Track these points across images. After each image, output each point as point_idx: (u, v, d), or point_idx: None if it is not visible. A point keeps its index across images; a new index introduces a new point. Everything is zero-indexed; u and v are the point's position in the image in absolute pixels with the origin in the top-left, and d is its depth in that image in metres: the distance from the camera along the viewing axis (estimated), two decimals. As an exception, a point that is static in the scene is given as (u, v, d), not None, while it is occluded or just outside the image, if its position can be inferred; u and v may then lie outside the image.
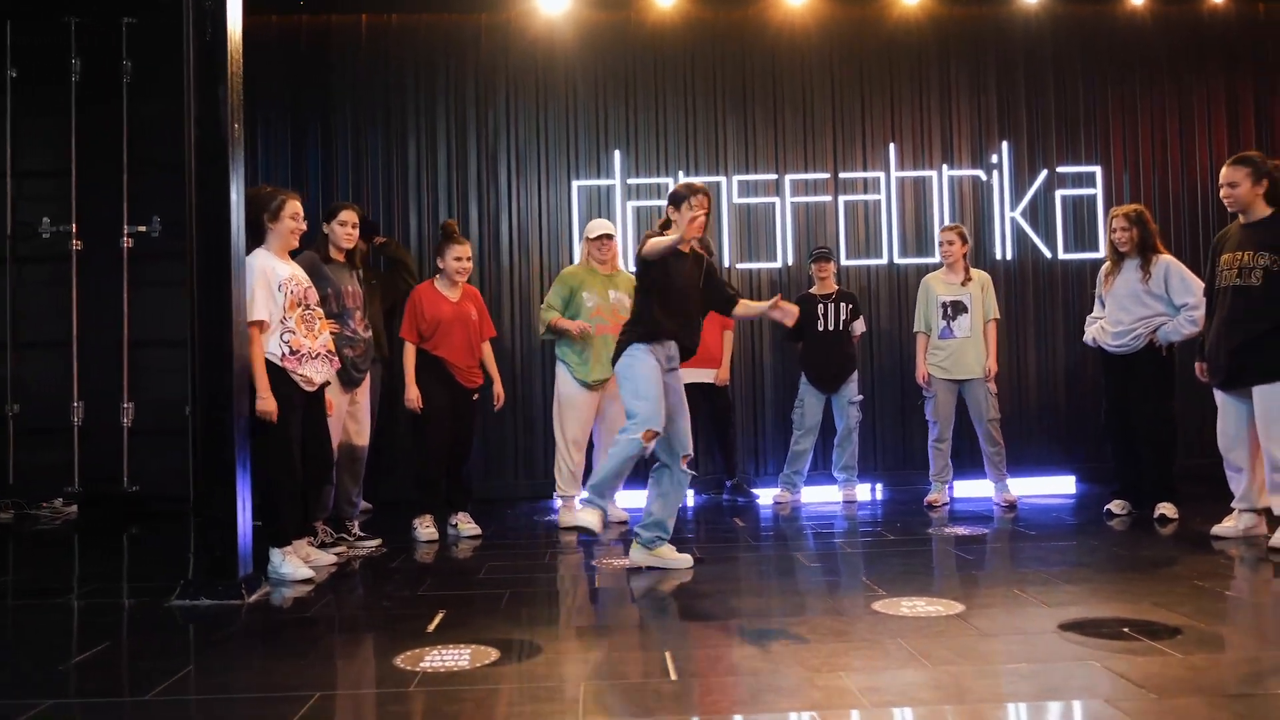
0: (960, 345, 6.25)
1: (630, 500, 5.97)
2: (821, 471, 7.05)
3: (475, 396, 5.57)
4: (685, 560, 4.52)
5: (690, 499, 7.02)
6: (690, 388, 6.46)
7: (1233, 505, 4.78)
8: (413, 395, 5.38)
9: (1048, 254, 7.37)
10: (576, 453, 5.74)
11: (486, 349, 5.67)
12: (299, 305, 4.42)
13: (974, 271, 6.41)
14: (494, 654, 3.16)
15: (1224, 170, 4.63)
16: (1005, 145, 7.37)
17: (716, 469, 7.05)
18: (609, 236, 5.81)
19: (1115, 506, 5.59)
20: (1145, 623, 3.33)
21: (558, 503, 5.98)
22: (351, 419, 5.14)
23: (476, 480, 6.30)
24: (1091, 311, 5.72)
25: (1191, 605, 3.53)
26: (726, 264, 7.25)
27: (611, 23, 7.26)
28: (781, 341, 7.10)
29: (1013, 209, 7.36)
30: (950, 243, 6.29)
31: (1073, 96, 7.41)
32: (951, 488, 6.52)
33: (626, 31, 7.26)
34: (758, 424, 7.27)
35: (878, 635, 3.28)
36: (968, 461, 6.76)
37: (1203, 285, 5.24)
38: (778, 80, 7.32)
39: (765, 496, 6.79)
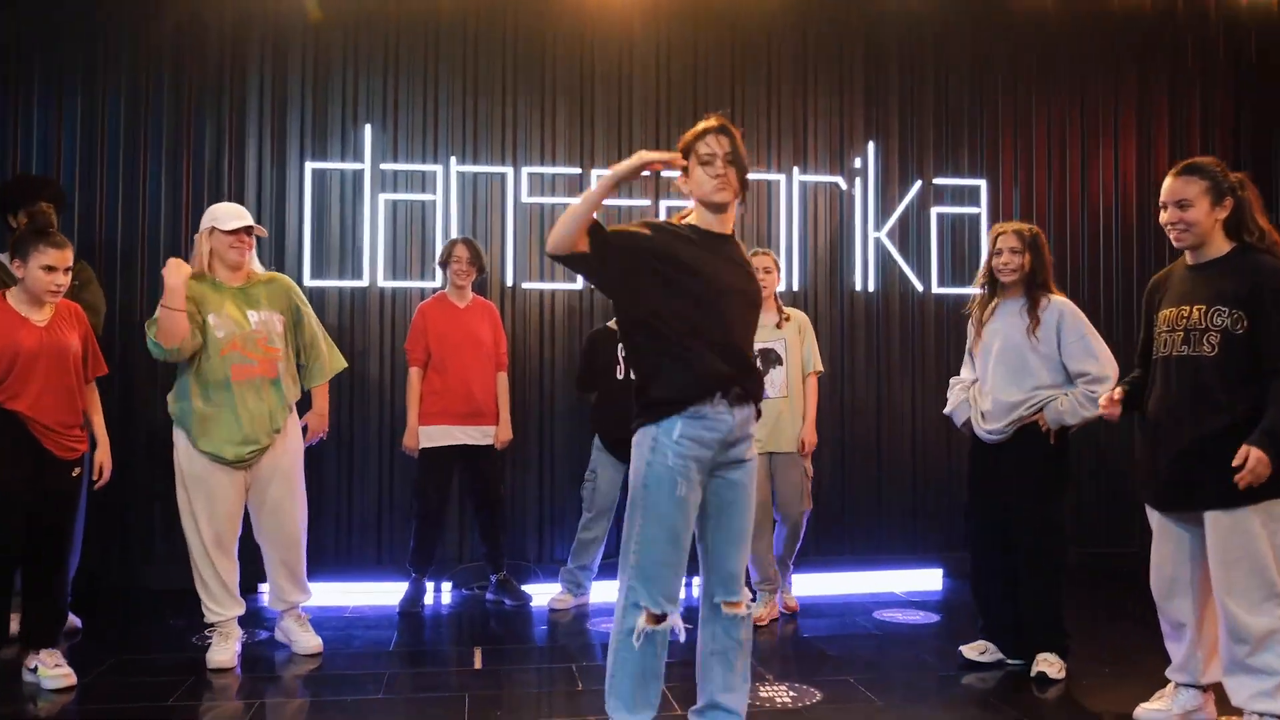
0: (774, 408, 4.64)
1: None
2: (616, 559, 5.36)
3: (77, 471, 3.69)
4: None
5: (446, 596, 5.24)
6: (451, 452, 4.77)
7: (1168, 675, 3.26)
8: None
9: (919, 286, 5.86)
10: (223, 558, 3.88)
11: (91, 396, 3.81)
12: None
13: (790, 310, 4.84)
14: None
15: (1169, 184, 3.07)
16: (871, 148, 5.83)
17: (478, 556, 5.29)
18: (250, 230, 3.93)
19: (972, 651, 3.99)
20: None
21: (209, 635, 4.03)
22: None
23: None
24: (959, 373, 4.17)
25: None
26: (509, 282, 5.50)
27: (369, -42, 5.45)
28: (572, 390, 5.40)
29: (878, 228, 5.82)
30: (766, 271, 4.62)
31: (956, 95, 5.93)
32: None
33: (391, -26, 5.47)
34: (539, 495, 5.53)
35: None
36: (828, 549, 5.18)
37: (1106, 348, 3.76)
38: (587, 55, 5.61)
39: (543, 596, 5.07)
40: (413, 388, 4.82)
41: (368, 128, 5.39)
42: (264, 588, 4.72)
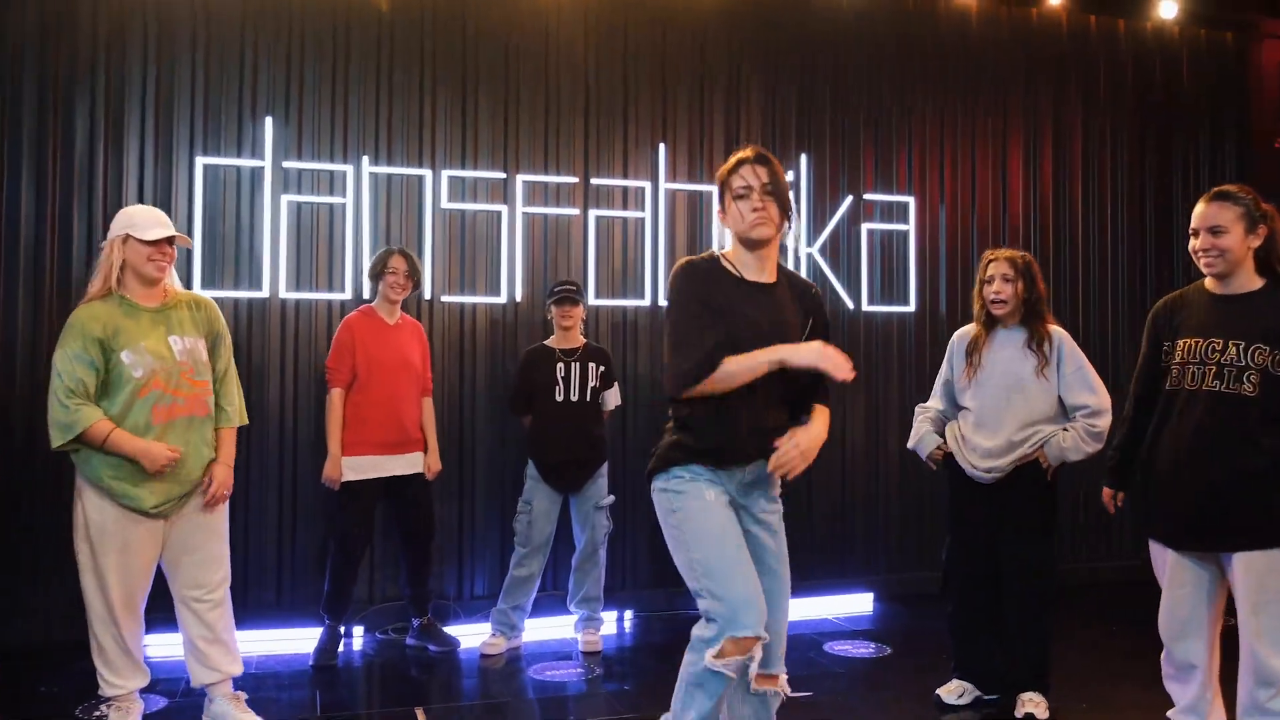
0: None
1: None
2: (552, 593, 5.00)
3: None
4: None
5: (358, 641, 4.74)
6: (376, 485, 4.31)
7: (1172, 716, 3.15)
8: None
9: (850, 304, 5.71)
10: (130, 621, 3.28)
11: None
12: None
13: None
14: None
15: (1202, 210, 2.95)
16: (804, 160, 5.66)
17: (392, 596, 4.82)
18: (173, 241, 3.36)
19: (950, 695, 3.82)
20: None
21: (105, 711, 3.41)
22: None
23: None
24: (927, 399, 4.01)
25: None
26: (427, 295, 5.04)
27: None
28: (504, 411, 4.99)
29: (810, 243, 5.65)
30: None
31: (886, 107, 5.82)
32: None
33: (293, -51, 4.92)
34: (459, 526, 5.09)
35: None
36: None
37: (1099, 379, 3.67)
38: (513, 54, 5.21)
39: (468, 638, 4.64)
40: (334, 411, 4.31)
41: (268, 121, 4.83)
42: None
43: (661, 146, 5.39)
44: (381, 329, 4.40)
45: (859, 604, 5.55)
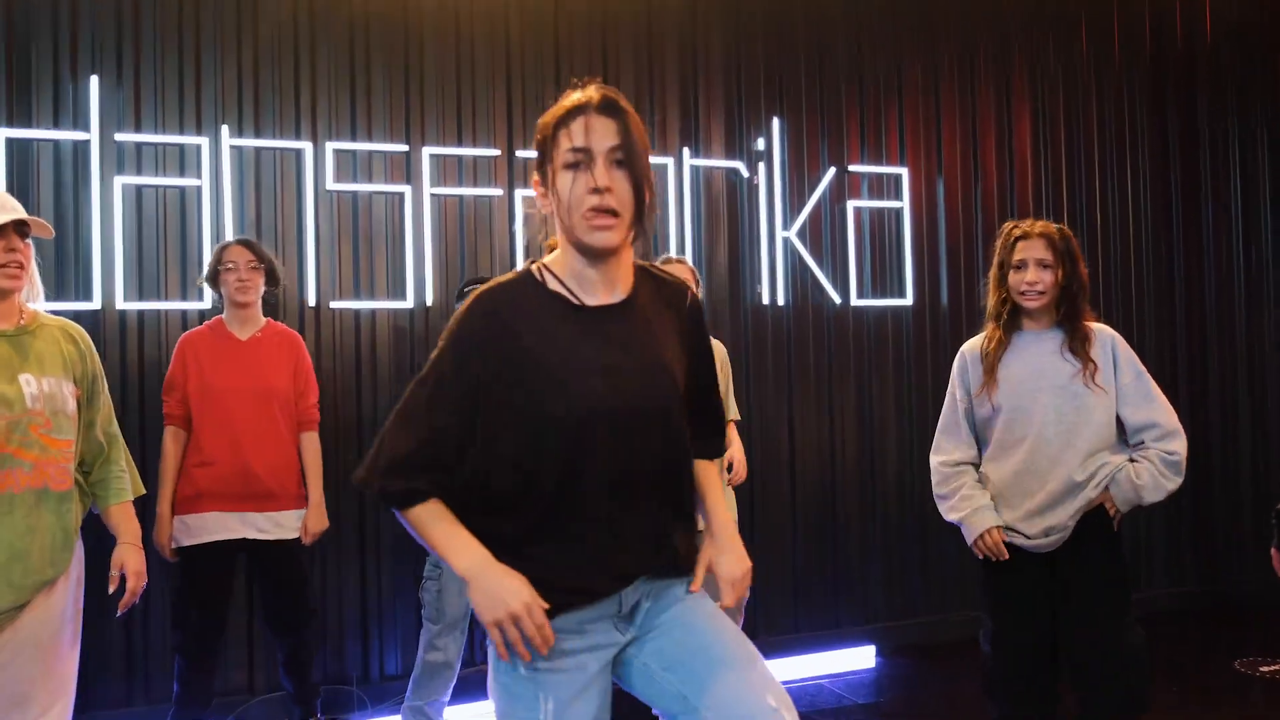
0: None
1: None
2: (479, 669, 3.95)
3: None
4: None
5: (228, 749, 3.67)
6: (228, 548, 3.27)
7: None
8: None
9: (836, 298, 4.74)
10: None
11: None
12: None
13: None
14: None
15: None
16: (777, 124, 4.68)
17: (278, 686, 3.76)
18: (23, 230, 2.33)
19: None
20: None
21: None
22: None
23: None
24: (931, 412, 3.02)
25: None
26: (312, 300, 3.99)
27: None
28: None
29: (786, 226, 4.67)
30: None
31: (872, 64, 4.87)
32: None
33: None
34: (361, 594, 4.03)
35: None
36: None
37: (1161, 392, 2.75)
38: (412, 3, 4.18)
39: (373, 740, 3.61)
40: (166, 458, 3.23)
41: (94, 82, 3.75)
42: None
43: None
44: (227, 346, 3.32)
45: (858, 659, 4.58)
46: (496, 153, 4.24)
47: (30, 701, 2.24)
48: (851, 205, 4.76)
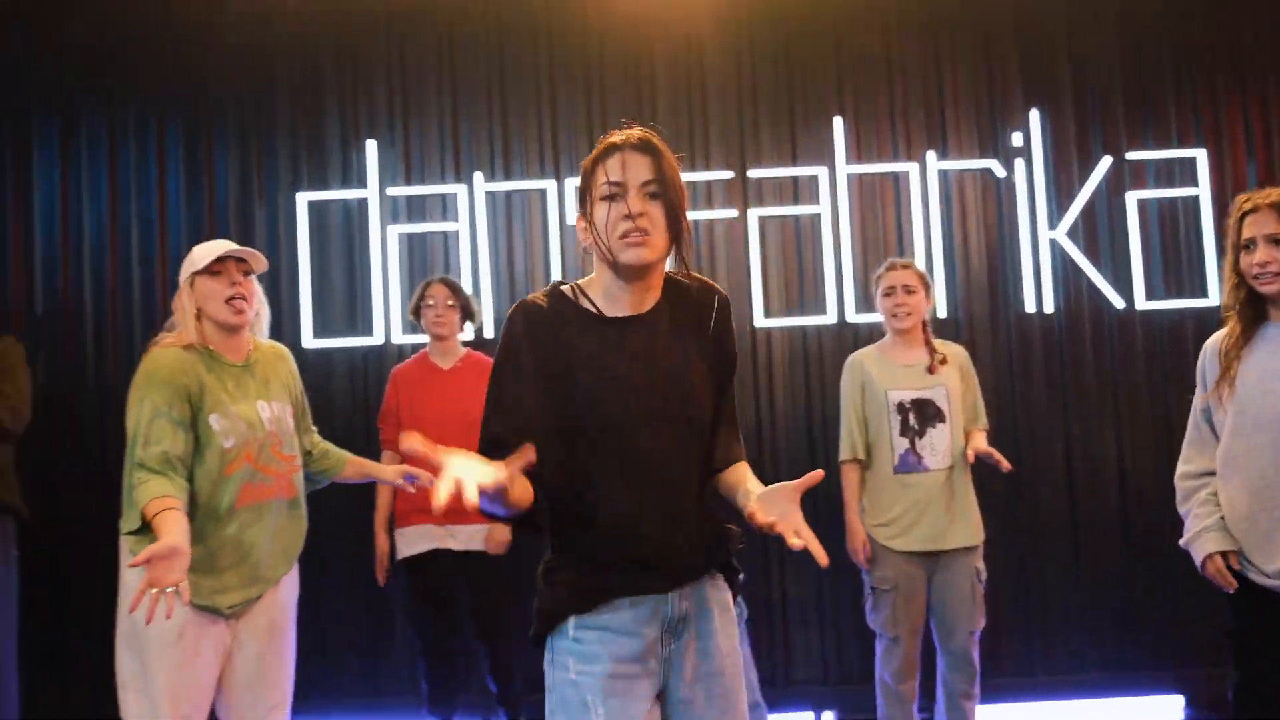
0: (934, 485, 3.20)
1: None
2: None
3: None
4: None
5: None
6: (441, 558, 3.58)
7: None
8: None
9: (1118, 302, 4.24)
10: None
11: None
12: None
13: (942, 345, 3.40)
14: None
15: None
16: (1035, 117, 4.31)
17: (484, 695, 3.98)
18: (244, 266, 2.62)
19: None
20: None
21: None
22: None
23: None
24: (1185, 452, 2.59)
25: None
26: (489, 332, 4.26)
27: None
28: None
29: (1052, 226, 4.27)
30: (909, 290, 3.30)
31: (1148, 36, 4.35)
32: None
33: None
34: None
35: None
36: (997, 670, 3.61)
37: None
38: (644, 56, 4.37)
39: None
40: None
41: (370, 145, 4.29)
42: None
43: (837, 122, 4.29)
44: (432, 375, 3.67)
45: (1160, 711, 4.01)
46: (729, 175, 4.30)
47: (279, 673, 2.66)
48: (1133, 197, 4.25)
